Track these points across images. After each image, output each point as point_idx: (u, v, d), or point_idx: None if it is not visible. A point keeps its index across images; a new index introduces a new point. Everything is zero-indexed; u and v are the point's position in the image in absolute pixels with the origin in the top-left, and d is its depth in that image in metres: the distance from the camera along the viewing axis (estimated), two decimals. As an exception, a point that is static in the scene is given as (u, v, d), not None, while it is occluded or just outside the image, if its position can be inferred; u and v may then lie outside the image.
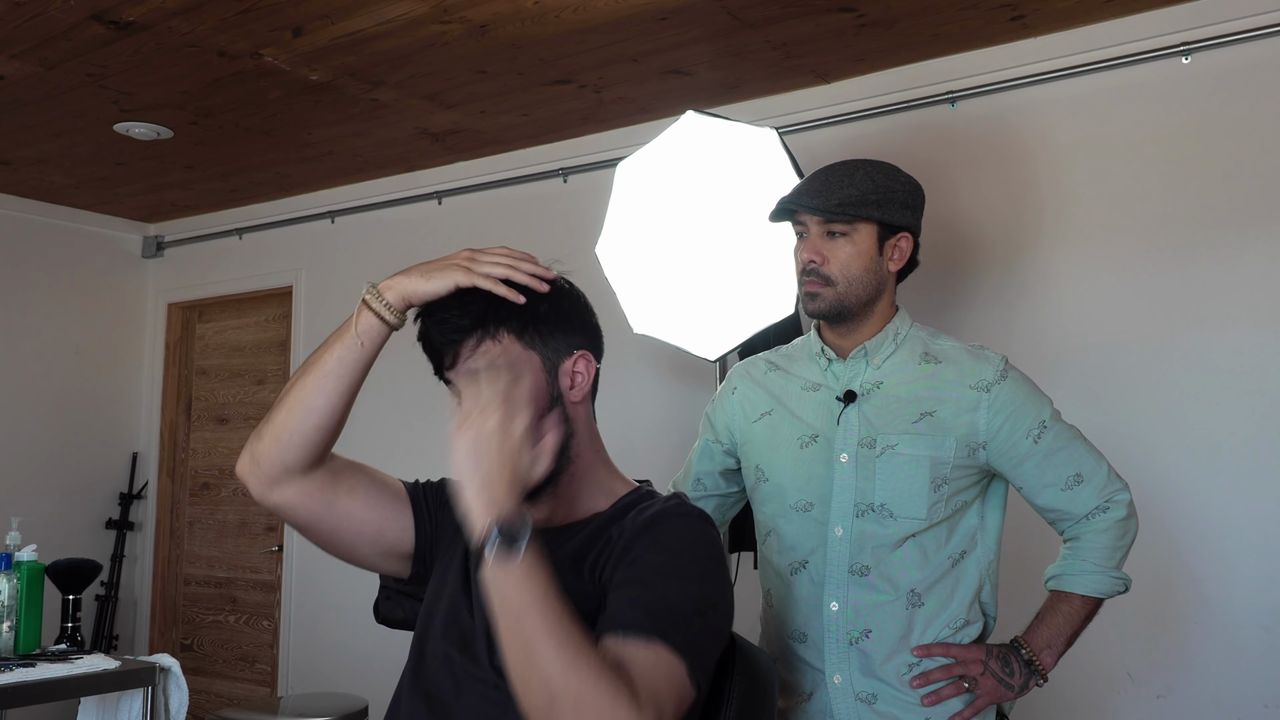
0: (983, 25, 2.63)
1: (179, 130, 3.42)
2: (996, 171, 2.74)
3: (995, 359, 1.64)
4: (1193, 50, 2.49)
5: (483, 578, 1.03)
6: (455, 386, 1.23)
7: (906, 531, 1.59)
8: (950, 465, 1.59)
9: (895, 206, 1.65)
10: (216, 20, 2.58)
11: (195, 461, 4.68)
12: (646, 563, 1.12)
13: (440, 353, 1.23)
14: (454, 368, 1.22)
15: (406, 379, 3.86)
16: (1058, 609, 1.66)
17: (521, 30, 2.63)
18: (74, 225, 4.50)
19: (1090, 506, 1.63)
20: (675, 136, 2.55)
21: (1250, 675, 2.32)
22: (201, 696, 4.41)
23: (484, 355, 1.20)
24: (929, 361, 1.64)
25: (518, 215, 3.62)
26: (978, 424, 1.59)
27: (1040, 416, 1.62)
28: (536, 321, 1.22)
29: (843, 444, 1.62)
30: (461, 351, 1.21)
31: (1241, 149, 2.44)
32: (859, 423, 1.62)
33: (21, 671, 2.36)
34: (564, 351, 1.23)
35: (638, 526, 1.17)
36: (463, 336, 1.21)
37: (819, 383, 1.69)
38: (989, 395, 1.60)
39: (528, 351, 1.21)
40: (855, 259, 1.64)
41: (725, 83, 2.99)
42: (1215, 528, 2.39)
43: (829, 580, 1.60)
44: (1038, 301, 2.66)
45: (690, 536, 1.16)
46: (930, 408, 1.60)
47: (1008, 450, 1.61)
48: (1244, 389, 2.39)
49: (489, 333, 1.21)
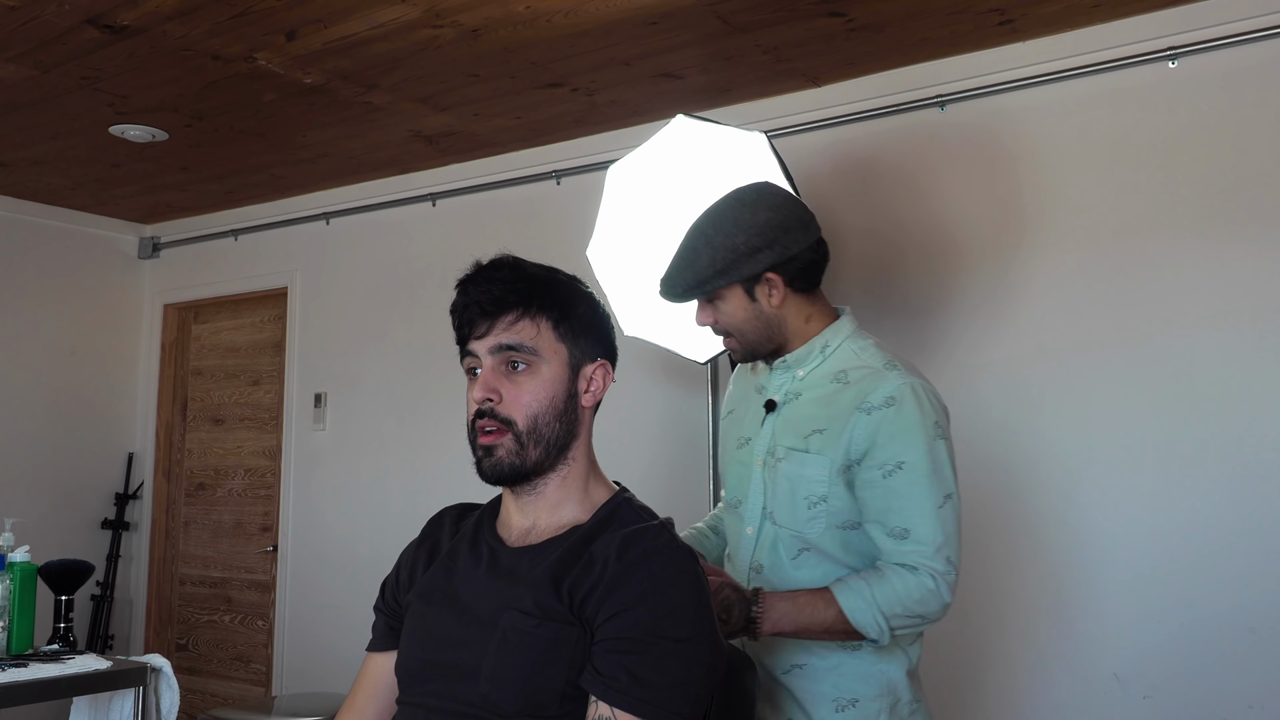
0: (971, 30, 2.65)
1: (174, 133, 3.43)
2: (985, 174, 2.76)
3: (893, 386, 1.59)
4: (1179, 55, 2.50)
5: None
6: (475, 357, 1.25)
7: (799, 544, 1.63)
8: (825, 484, 1.59)
9: (742, 262, 1.66)
10: (211, 24, 2.59)
11: (191, 462, 4.69)
12: (641, 620, 1.14)
13: (476, 321, 1.25)
14: (484, 337, 1.24)
15: (401, 380, 3.89)
16: (815, 600, 1.56)
17: (513, 34, 2.65)
18: (70, 226, 4.51)
19: (901, 560, 1.56)
20: (665, 140, 2.56)
21: (1236, 676, 2.34)
22: (196, 696, 4.42)
23: (519, 333, 1.23)
24: (838, 381, 1.65)
25: (511, 217, 3.64)
26: (852, 444, 1.58)
27: (903, 457, 1.55)
28: (572, 319, 1.27)
29: (760, 450, 1.71)
30: (497, 324, 1.24)
31: (1227, 153, 2.45)
32: (772, 431, 1.68)
33: (13, 671, 2.37)
34: (588, 356, 1.28)
35: (626, 564, 1.17)
36: (505, 309, 1.24)
37: (763, 386, 1.77)
38: (868, 418, 1.58)
39: (559, 344, 1.25)
40: (734, 315, 1.71)
41: (716, 86, 3.01)
42: (1201, 529, 2.41)
43: (737, 574, 1.72)
44: (1024, 304, 2.67)
45: (681, 584, 1.17)
46: (822, 425, 1.61)
47: (861, 474, 1.59)
48: (1228, 392, 2.40)
49: (530, 312, 1.24)
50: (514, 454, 1.23)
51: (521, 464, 1.23)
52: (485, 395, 1.22)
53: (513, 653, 1.17)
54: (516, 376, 1.23)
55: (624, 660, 1.12)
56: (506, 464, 1.23)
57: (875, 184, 2.92)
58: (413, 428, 3.80)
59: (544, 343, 1.24)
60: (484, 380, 1.23)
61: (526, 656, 1.16)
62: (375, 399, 3.97)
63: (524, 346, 1.23)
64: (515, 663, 1.17)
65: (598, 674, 1.13)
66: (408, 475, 3.76)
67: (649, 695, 1.11)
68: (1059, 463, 2.59)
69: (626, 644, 1.13)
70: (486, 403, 1.23)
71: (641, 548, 1.19)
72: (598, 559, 1.19)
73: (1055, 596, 2.56)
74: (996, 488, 2.67)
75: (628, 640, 1.13)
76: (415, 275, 3.89)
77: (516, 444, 1.23)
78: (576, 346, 1.27)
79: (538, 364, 1.24)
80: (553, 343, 1.25)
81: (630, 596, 1.15)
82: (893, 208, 2.89)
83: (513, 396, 1.23)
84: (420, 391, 3.80)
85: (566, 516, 1.27)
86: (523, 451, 1.23)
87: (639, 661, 1.12)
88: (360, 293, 4.06)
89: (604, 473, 1.35)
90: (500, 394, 1.23)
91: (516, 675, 1.16)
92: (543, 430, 1.23)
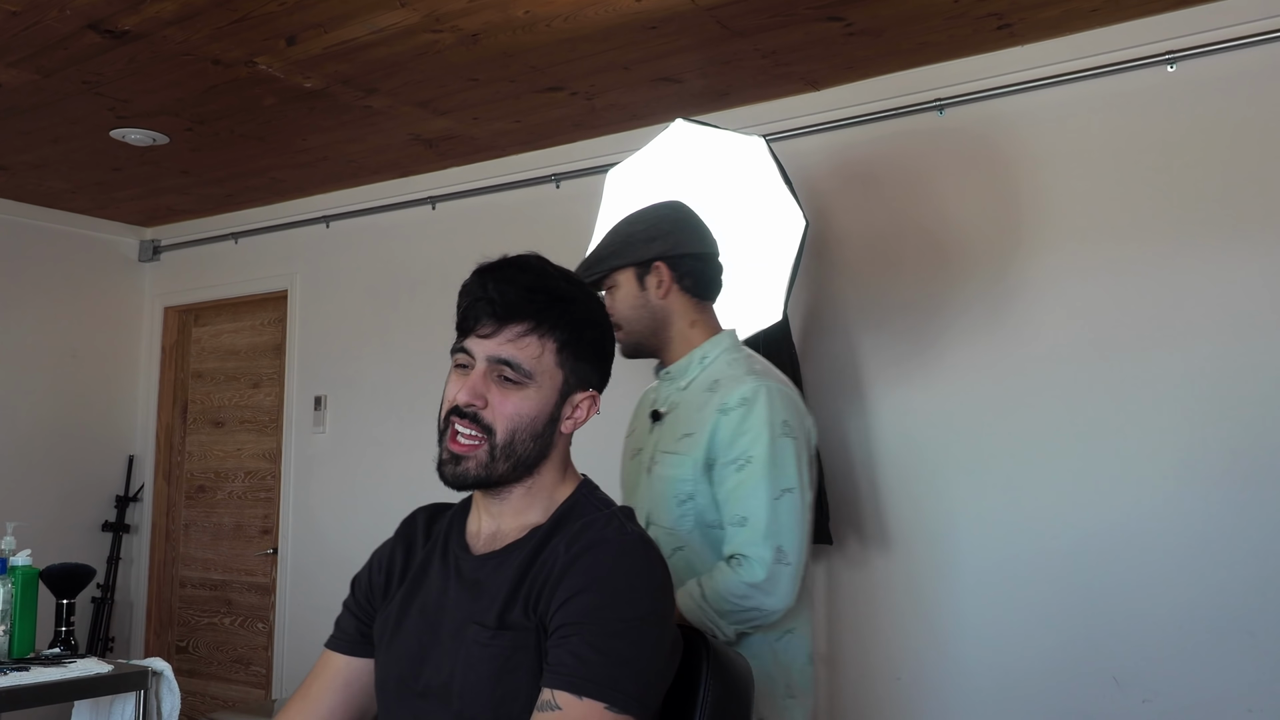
0: (970, 34, 2.65)
1: (175, 136, 3.44)
2: (984, 178, 2.76)
3: (749, 388, 1.70)
4: (1178, 59, 2.51)
5: None
6: (469, 356, 1.22)
7: (673, 543, 1.71)
8: (691, 483, 1.69)
9: (635, 246, 1.81)
10: (211, 29, 2.60)
11: (191, 465, 4.70)
12: (585, 604, 1.12)
13: (483, 318, 1.21)
14: (487, 339, 1.21)
15: (401, 383, 3.89)
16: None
17: (513, 39, 2.65)
18: (71, 229, 4.52)
19: (733, 549, 1.64)
20: (664, 144, 2.57)
21: (1236, 680, 2.34)
22: (196, 699, 4.43)
23: (523, 349, 1.20)
24: (710, 390, 1.75)
25: (510, 220, 3.64)
26: (712, 443, 1.69)
27: (750, 453, 1.65)
28: (578, 345, 1.24)
29: (645, 459, 1.80)
30: (504, 331, 1.20)
31: (1226, 157, 2.46)
32: (655, 440, 1.79)
33: (15, 675, 2.37)
34: (580, 384, 1.25)
35: (572, 555, 1.17)
36: (516, 318, 1.20)
37: (654, 401, 1.88)
38: (725, 417, 1.68)
39: (557, 369, 1.22)
40: (624, 302, 1.83)
41: (715, 90, 3.01)
42: (1201, 533, 2.41)
43: None
44: (1022, 307, 2.68)
45: (627, 568, 1.16)
46: (691, 429, 1.72)
47: (718, 470, 1.69)
48: (1227, 396, 2.41)
49: (539, 330, 1.21)
50: (483, 466, 1.21)
51: (487, 476, 1.22)
52: (471, 400, 1.20)
53: (477, 667, 1.16)
54: (505, 388, 1.21)
55: (568, 644, 1.11)
56: (472, 476, 1.22)
57: (874, 188, 2.93)
58: (412, 430, 3.80)
59: (543, 366, 1.21)
60: (472, 384, 1.21)
61: (489, 669, 1.15)
62: (375, 402, 3.97)
63: (521, 367, 1.20)
64: (481, 676, 1.16)
65: (548, 666, 1.12)
66: (407, 478, 3.76)
67: (590, 673, 1.09)
68: (1055, 465, 2.60)
69: (570, 629, 1.12)
70: (470, 406, 1.20)
71: (588, 538, 1.18)
72: (552, 558, 1.18)
73: (1057, 600, 2.57)
74: (995, 490, 2.67)
75: (571, 625, 1.12)
76: (415, 278, 3.89)
77: (489, 456, 1.21)
78: (574, 373, 1.24)
79: (529, 385, 1.21)
80: (551, 367, 1.22)
81: (575, 585, 1.14)
82: (891, 211, 2.89)
83: (498, 405, 1.21)
84: (420, 394, 3.80)
85: (530, 519, 1.26)
86: (492, 465, 1.21)
87: (581, 643, 1.10)
88: (360, 296, 4.07)
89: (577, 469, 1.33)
90: (486, 400, 1.20)
91: (485, 689, 1.15)
92: (517, 447, 1.21)
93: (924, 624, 2.74)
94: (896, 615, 2.78)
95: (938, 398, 2.77)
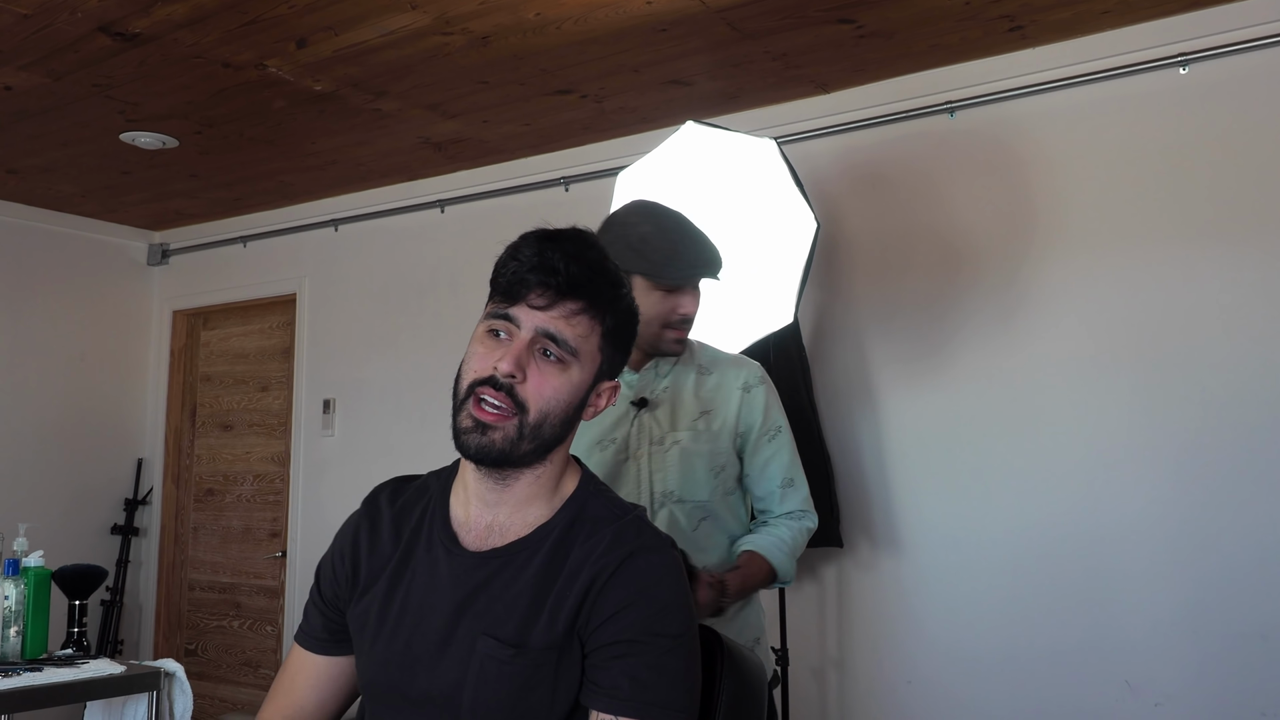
0: (981, 36, 2.65)
1: (184, 140, 3.45)
2: (995, 181, 2.76)
3: (755, 367, 1.93)
4: (1190, 61, 2.50)
5: None
6: (513, 323, 1.14)
7: (700, 514, 1.85)
8: (724, 455, 1.87)
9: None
10: (222, 32, 2.60)
11: (200, 467, 4.70)
12: (635, 622, 1.10)
13: (538, 287, 1.13)
14: (540, 310, 1.12)
15: (410, 386, 3.89)
16: (753, 565, 1.82)
17: (523, 41, 2.65)
18: (80, 233, 4.53)
19: (793, 507, 1.90)
20: (675, 147, 2.57)
21: (1248, 683, 2.33)
22: (205, 701, 4.43)
23: (575, 327, 1.13)
24: (703, 372, 1.91)
25: (519, 224, 3.56)
26: (741, 418, 1.88)
27: (778, 423, 1.91)
28: (618, 333, 1.19)
29: (637, 444, 1.84)
30: (560, 305, 1.12)
31: (1238, 159, 2.45)
32: (650, 424, 1.85)
33: (28, 676, 2.37)
34: (610, 373, 1.20)
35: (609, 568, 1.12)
36: (576, 294, 1.13)
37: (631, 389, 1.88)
38: (749, 394, 1.89)
39: (598, 353, 1.17)
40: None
41: (725, 93, 3.01)
42: (1213, 536, 2.40)
43: None
44: (1034, 310, 2.67)
45: (669, 579, 1.14)
46: (707, 408, 1.87)
47: (752, 440, 1.89)
48: (1239, 399, 2.40)
49: (595, 310, 1.14)
50: (510, 442, 1.12)
51: (510, 453, 1.13)
52: (513, 370, 1.11)
53: (492, 684, 1.10)
54: (545, 364, 1.13)
55: (622, 665, 1.08)
56: (498, 449, 1.12)
57: (885, 190, 2.92)
58: (421, 433, 3.80)
59: (588, 346, 1.15)
60: (516, 355, 1.11)
61: (508, 687, 1.10)
62: (384, 405, 3.97)
63: (569, 344, 1.13)
64: (497, 694, 1.10)
65: (597, 687, 1.09)
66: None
67: (653, 697, 1.07)
68: (1067, 468, 2.59)
69: (623, 647, 1.08)
70: (510, 378, 1.11)
71: (624, 547, 1.13)
72: (581, 568, 1.13)
73: (1068, 603, 2.56)
74: (1006, 493, 2.66)
75: (624, 644, 1.08)
76: (423, 282, 3.89)
77: (517, 434, 1.12)
78: (609, 360, 1.19)
79: (570, 366, 1.14)
80: (594, 350, 1.16)
81: (620, 600, 1.10)
82: (902, 214, 2.89)
83: (536, 382, 1.12)
84: (429, 397, 3.80)
85: (533, 515, 1.19)
86: (519, 443, 1.13)
87: (637, 664, 1.08)
88: (369, 299, 4.07)
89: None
90: (524, 373, 1.12)
91: (501, 707, 1.10)
92: (545, 430, 1.14)
93: (934, 627, 2.73)
94: (907, 618, 2.78)
95: (948, 400, 2.77)
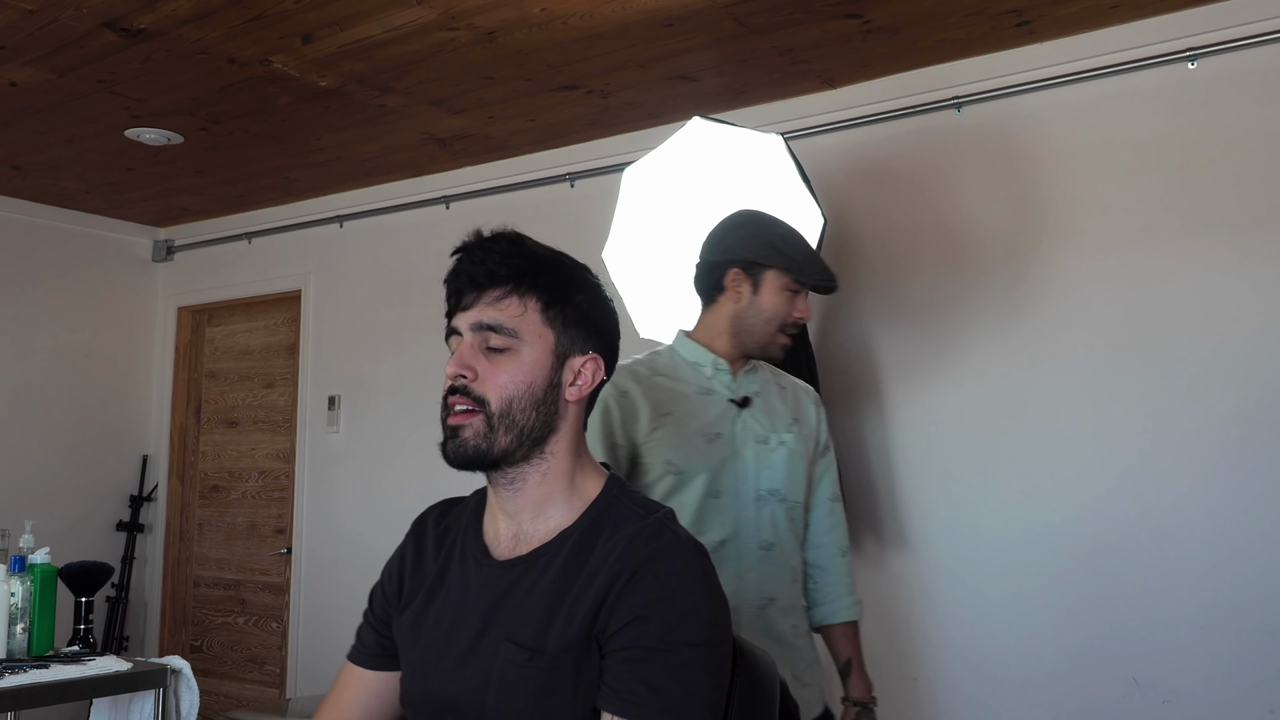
0: (989, 31, 2.64)
1: (189, 136, 3.44)
2: (1002, 177, 2.75)
3: (810, 387, 2.10)
4: (1199, 55, 2.49)
5: None
6: (457, 335, 1.19)
7: (793, 512, 1.94)
8: (810, 460, 1.99)
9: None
10: (227, 27, 2.60)
11: (205, 464, 4.71)
12: (655, 628, 1.08)
13: (464, 292, 1.19)
14: (469, 309, 1.18)
15: (415, 382, 3.89)
16: (855, 643, 2.00)
17: (528, 37, 2.65)
18: (85, 230, 4.53)
19: (838, 531, 2.03)
20: (681, 142, 2.56)
21: (1256, 680, 2.33)
22: (210, 698, 4.43)
23: (504, 310, 1.16)
24: (780, 383, 2.04)
25: (525, 220, 3.58)
26: (819, 429, 2.04)
27: (830, 440, 2.07)
28: (565, 306, 1.19)
29: (742, 440, 1.91)
30: (484, 296, 1.17)
31: (1247, 154, 2.44)
32: (752, 424, 1.93)
33: (35, 673, 2.38)
34: (579, 347, 1.20)
35: (630, 571, 1.11)
36: (494, 283, 1.17)
37: (710, 389, 1.94)
38: (819, 410, 2.06)
39: (545, 328, 1.18)
40: None
41: (732, 88, 3.00)
42: (1222, 533, 2.40)
43: (741, 555, 1.86)
44: (1043, 307, 2.66)
45: (693, 585, 1.11)
46: (795, 415, 2.00)
47: (819, 451, 2.04)
48: (1248, 396, 2.39)
49: (520, 290, 1.17)
50: (481, 436, 1.15)
51: (488, 448, 1.15)
52: (458, 371, 1.16)
53: (512, 688, 1.11)
54: (495, 357, 1.17)
55: (639, 671, 1.06)
56: (471, 447, 1.15)
57: (891, 186, 2.91)
58: (426, 429, 3.80)
59: (528, 325, 1.17)
60: (459, 356, 1.17)
61: (528, 691, 1.11)
62: (389, 401, 3.97)
63: (504, 327, 1.16)
64: (518, 698, 1.11)
65: (613, 691, 1.08)
66: (422, 477, 3.76)
67: (669, 705, 1.05)
68: (1073, 466, 2.58)
69: (641, 653, 1.07)
70: (459, 379, 1.16)
71: (646, 550, 1.12)
72: (600, 571, 1.12)
73: (1073, 600, 2.55)
74: (1012, 491, 2.66)
75: (642, 650, 1.07)
76: (428, 278, 3.88)
77: (486, 426, 1.15)
78: (565, 335, 1.19)
79: (518, 346, 1.16)
80: (538, 326, 1.17)
81: (640, 605, 1.08)
82: (909, 210, 2.88)
83: (488, 375, 1.16)
84: (434, 393, 3.76)
85: (554, 520, 1.19)
86: (491, 435, 1.15)
87: (655, 671, 1.06)
88: (374, 296, 4.07)
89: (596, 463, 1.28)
90: (475, 371, 1.16)
91: (522, 711, 1.11)
92: (516, 416, 1.16)
93: (941, 625, 2.73)
94: (913, 616, 2.77)
95: (956, 397, 2.76)
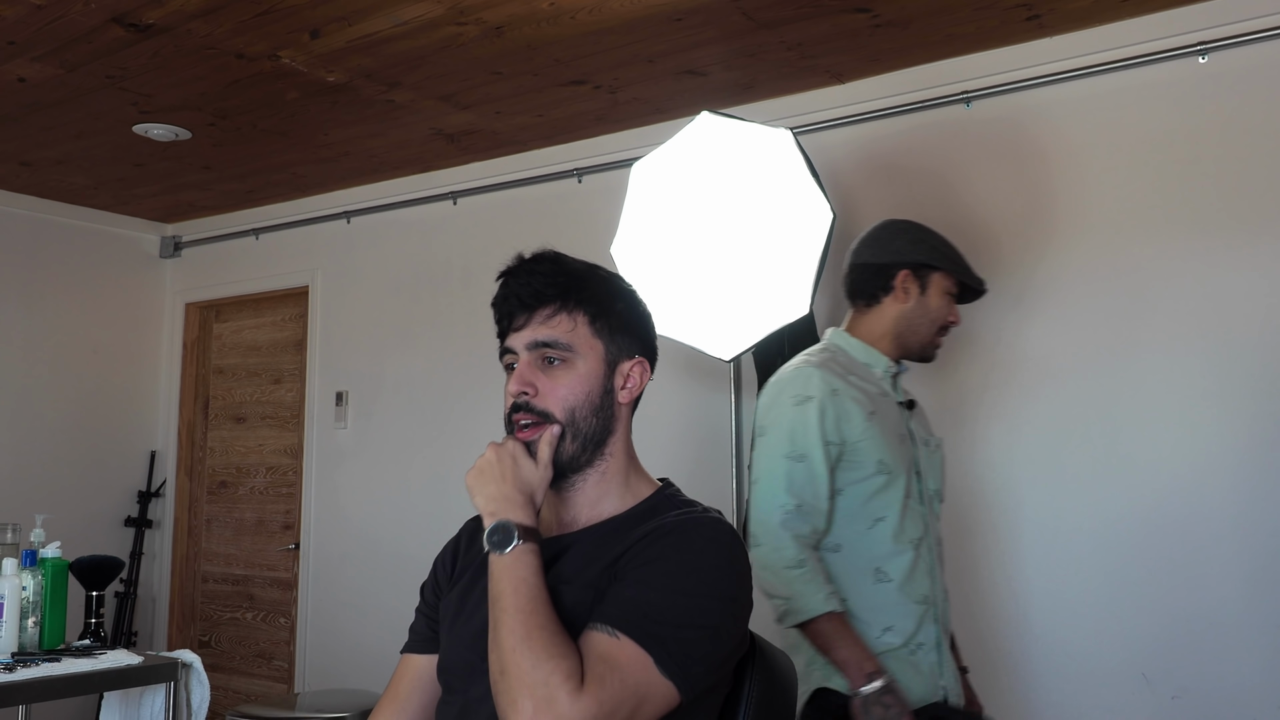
0: (998, 25, 2.63)
1: (197, 131, 3.45)
2: (1012, 171, 2.74)
3: None
4: (1209, 50, 2.48)
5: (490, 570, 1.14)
6: (512, 353, 1.26)
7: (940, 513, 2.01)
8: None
9: None
10: (235, 23, 2.60)
11: (213, 460, 4.72)
12: (650, 565, 1.13)
13: (514, 314, 1.26)
14: (522, 329, 1.25)
15: (423, 378, 3.89)
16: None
17: (537, 31, 2.64)
18: (93, 225, 4.54)
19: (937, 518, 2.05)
20: (690, 137, 2.56)
21: (1265, 676, 2.32)
22: (219, 692, 4.44)
23: (556, 327, 1.23)
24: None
25: (532, 215, 3.64)
26: None
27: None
28: (610, 315, 1.26)
29: (917, 442, 1.97)
30: (535, 316, 1.24)
31: (1258, 149, 2.43)
32: (918, 426, 2.00)
33: (47, 666, 2.38)
34: (625, 353, 1.28)
35: (659, 531, 1.17)
36: (543, 302, 1.24)
37: (886, 391, 1.96)
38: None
39: (594, 339, 1.25)
40: None
41: (740, 83, 3.00)
42: (1230, 528, 2.39)
43: (931, 553, 1.92)
44: (1052, 300, 2.66)
45: (713, 551, 1.16)
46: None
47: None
48: (1257, 392, 2.38)
49: (568, 307, 1.24)
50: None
51: (560, 457, 1.23)
52: (521, 388, 1.22)
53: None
54: (553, 371, 1.23)
55: (618, 589, 1.11)
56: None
57: (901, 181, 2.91)
58: (434, 425, 3.81)
59: (580, 338, 1.24)
60: (520, 374, 1.23)
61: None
62: (397, 397, 3.98)
63: (559, 343, 1.23)
64: None
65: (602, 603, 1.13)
66: (429, 473, 3.77)
67: (621, 616, 1.08)
68: (1082, 462, 2.57)
69: (628, 585, 1.12)
70: (522, 396, 1.22)
71: (681, 517, 1.19)
72: (634, 540, 1.18)
73: (1082, 595, 2.55)
74: (1017, 486, 2.65)
75: (630, 582, 1.12)
76: (436, 274, 3.89)
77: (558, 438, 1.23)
78: (614, 343, 1.26)
79: (573, 359, 1.23)
80: (589, 338, 1.25)
81: (655, 552, 1.14)
82: (919, 205, 2.87)
83: (549, 390, 1.23)
84: (442, 389, 3.81)
85: (606, 510, 1.26)
86: (561, 446, 1.22)
87: (629, 592, 1.10)
88: (381, 291, 4.07)
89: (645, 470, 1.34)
90: (536, 387, 1.22)
91: None
92: (580, 424, 1.23)
93: (950, 619, 2.72)
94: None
95: (966, 391, 2.75)
